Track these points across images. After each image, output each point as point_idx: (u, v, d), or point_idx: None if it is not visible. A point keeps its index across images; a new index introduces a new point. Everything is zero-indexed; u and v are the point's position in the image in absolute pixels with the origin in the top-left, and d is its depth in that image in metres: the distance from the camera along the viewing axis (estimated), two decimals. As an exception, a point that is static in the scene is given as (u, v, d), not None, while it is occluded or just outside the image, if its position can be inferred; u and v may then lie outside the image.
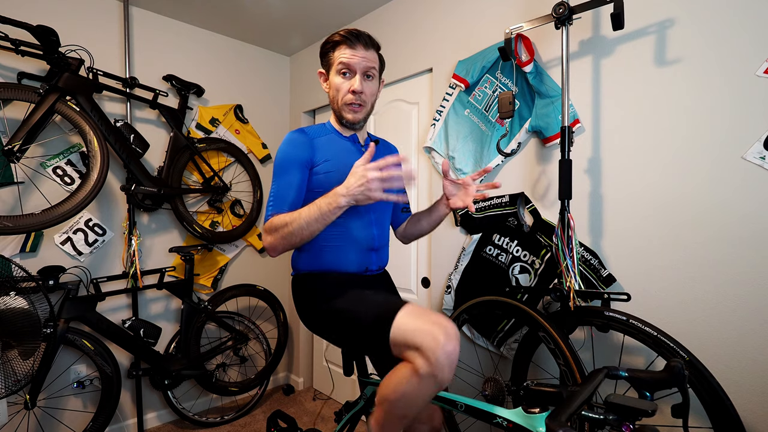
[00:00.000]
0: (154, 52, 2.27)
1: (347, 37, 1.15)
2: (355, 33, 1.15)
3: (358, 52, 1.15)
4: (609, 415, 0.69)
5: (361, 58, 1.14)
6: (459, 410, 1.00)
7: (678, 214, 1.26)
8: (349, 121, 1.19)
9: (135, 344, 1.96)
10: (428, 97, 2.02)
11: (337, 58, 1.15)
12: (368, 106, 1.21)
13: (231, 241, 2.48)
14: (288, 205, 1.10)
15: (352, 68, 1.15)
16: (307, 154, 1.15)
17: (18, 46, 1.68)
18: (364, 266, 1.22)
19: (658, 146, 1.30)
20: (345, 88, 1.16)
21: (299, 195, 1.13)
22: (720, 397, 1.04)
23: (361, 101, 1.17)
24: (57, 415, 1.95)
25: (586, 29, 1.46)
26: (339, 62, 1.14)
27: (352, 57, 1.14)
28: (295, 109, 2.88)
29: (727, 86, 1.18)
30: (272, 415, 1.58)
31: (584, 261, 1.41)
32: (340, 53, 1.15)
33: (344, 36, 1.15)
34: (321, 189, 1.16)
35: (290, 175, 1.12)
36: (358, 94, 1.15)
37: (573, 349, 1.24)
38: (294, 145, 1.15)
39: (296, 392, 2.74)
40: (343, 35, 1.15)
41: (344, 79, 1.16)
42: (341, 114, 1.20)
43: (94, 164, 1.78)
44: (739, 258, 1.15)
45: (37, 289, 1.59)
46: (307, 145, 1.16)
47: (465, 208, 1.76)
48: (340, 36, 1.15)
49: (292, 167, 1.12)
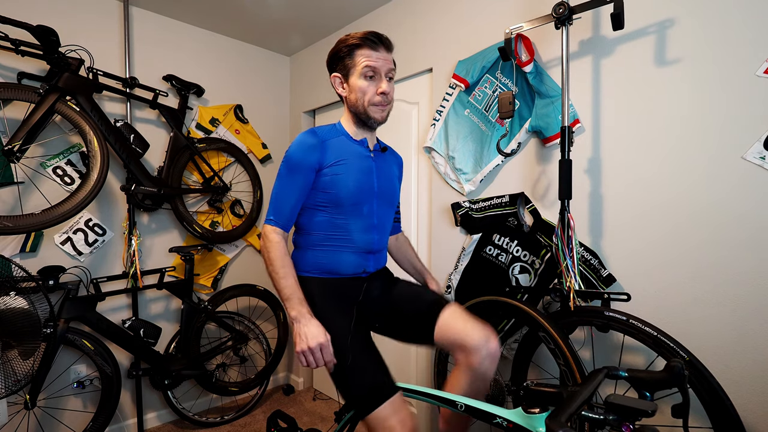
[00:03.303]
0: (154, 52, 2.27)
1: (371, 39, 1.15)
2: (376, 35, 1.16)
3: (382, 54, 1.16)
4: (609, 416, 0.69)
5: (384, 61, 1.16)
6: (459, 410, 1.00)
7: (678, 214, 1.26)
8: (378, 121, 1.21)
9: (135, 344, 1.96)
10: (428, 97, 2.02)
11: (361, 61, 1.15)
12: (391, 106, 1.23)
13: (231, 241, 2.48)
14: (285, 217, 1.15)
15: (378, 71, 1.16)
16: (315, 157, 1.16)
17: (18, 46, 1.68)
18: (362, 268, 1.23)
19: (657, 146, 1.30)
20: (372, 91, 1.17)
21: (298, 202, 1.17)
22: (720, 397, 1.04)
23: (387, 101, 1.20)
24: (57, 415, 1.95)
25: (586, 29, 1.46)
26: (365, 65, 1.15)
27: (378, 60, 1.15)
28: (295, 109, 2.88)
29: (727, 86, 1.18)
30: (272, 415, 1.58)
31: (584, 261, 1.41)
32: (363, 57, 1.15)
33: (366, 38, 1.15)
34: (328, 190, 1.17)
35: (294, 180, 1.15)
36: (386, 95, 1.18)
37: (573, 349, 1.24)
38: (303, 148, 1.16)
39: (296, 392, 2.74)
40: (365, 38, 1.15)
41: (370, 82, 1.16)
42: (368, 114, 1.19)
43: (94, 164, 1.78)
44: (740, 258, 1.15)
45: (37, 289, 1.59)
46: (317, 147, 1.17)
47: (466, 209, 1.76)
48: (360, 39, 1.15)
49: (297, 170, 1.14)
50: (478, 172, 1.74)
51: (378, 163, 1.27)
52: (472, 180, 1.77)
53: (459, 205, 1.79)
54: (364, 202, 1.20)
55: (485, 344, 1.11)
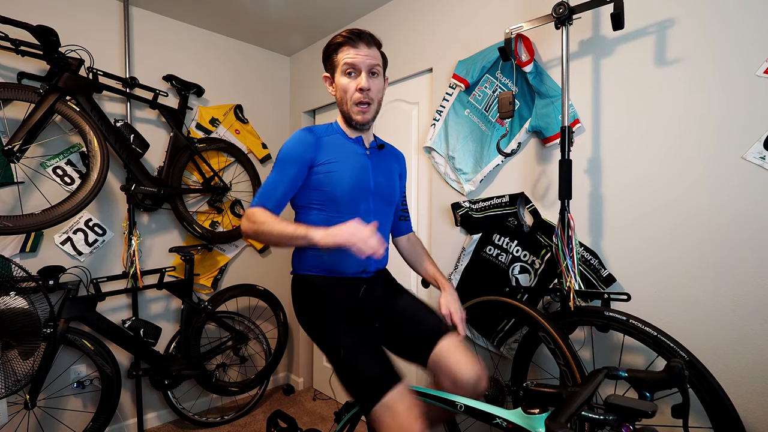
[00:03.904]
0: (154, 52, 2.27)
1: (349, 37, 1.16)
2: (356, 32, 1.16)
3: (361, 50, 1.16)
4: (609, 416, 0.69)
5: (364, 57, 1.16)
6: (459, 411, 1.00)
7: (678, 214, 1.26)
8: (359, 123, 1.21)
9: (135, 344, 1.96)
10: (428, 97, 2.02)
11: (342, 59, 1.16)
12: (375, 104, 1.22)
13: (231, 241, 2.48)
14: (273, 201, 1.14)
15: (357, 67, 1.16)
16: (309, 154, 1.17)
17: (18, 46, 1.68)
18: (362, 268, 1.23)
19: (657, 146, 1.30)
20: (352, 88, 1.17)
21: (288, 193, 1.17)
22: (720, 397, 1.03)
23: (368, 99, 1.19)
24: (57, 415, 1.95)
25: (586, 29, 1.45)
26: (344, 63, 1.15)
27: (356, 56, 1.15)
28: (295, 109, 2.88)
29: (727, 86, 1.18)
30: (272, 415, 1.58)
31: (584, 261, 1.41)
32: (344, 54, 1.16)
33: (346, 36, 1.16)
34: (321, 188, 1.17)
35: (286, 172, 1.15)
36: (366, 91, 1.17)
37: (573, 349, 1.24)
38: (298, 144, 1.17)
39: (296, 392, 2.74)
40: (345, 36, 1.16)
41: (350, 78, 1.17)
42: (350, 116, 1.20)
43: (94, 164, 1.78)
44: (740, 258, 1.15)
45: (37, 289, 1.59)
46: (312, 144, 1.17)
47: (466, 209, 1.76)
48: (342, 37, 1.16)
49: (290, 164, 1.15)
50: (478, 172, 1.74)
51: (374, 161, 1.27)
52: (472, 180, 1.77)
53: (459, 205, 1.79)
54: (360, 200, 1.20)
55: (474, 385, 1.11)
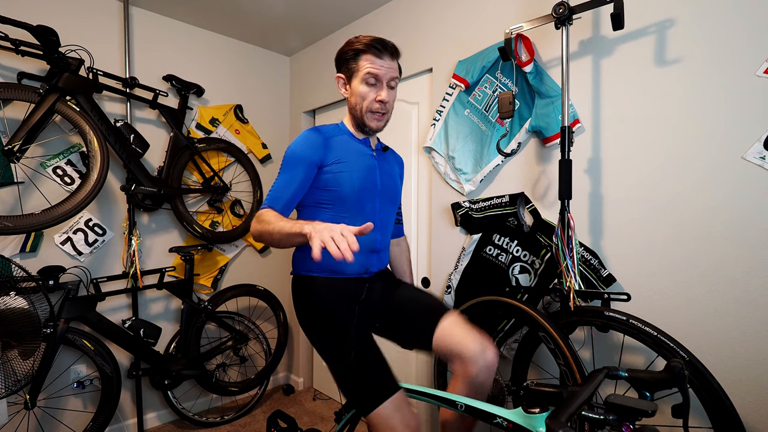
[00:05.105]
0: (154, 52, 2.27)
1: (375, 46, 1.15)
2: (382, 42, 1.16)
3: (386, 62, 1.16)
4: (609, 416, 0.69)
5: (388, 69, 1.16)
6: (459, 410, 1.00)
7: (678, 214, 1.26)
8: (372, 129, 1.22)
9: (135, 344, 1.96)
10: (428, 97, 2.02)
11: (364, 67, 1.15)
12: (389, 114, 1.23)
13: (231, 241, 2.47)
14: (282, 203, 1.13)
15: (380, 78, 1.16)
16: (318, 154, 1.16)
17: (18, 46, 1.68)
18: (364, 268, 1.23)
19: (657, 146, 1.30)
20: (371, 98, 1.17)
21: (298, 194, 1.16)
22: (720, 397, 1.03)
23: (385, 110, 1.20)
24: (57, 415, 1.95)
25: (586, 29, 1.46)
26: (367, 72, 1.15)
27: (381, 68, 1.15)
28: (295, 109, 2.88)
29: (727, 86, 1.18)
30: (272, 415, 1.58)
31: (584, 261, 1.41)
32: (367, 62, 1.15)
33: (371, 45, 1.15)
34: (329, 188, 1.17)
35: (294, 173, 1.14)
36: (385, 103, 1.18)
37: (573, 349, 1.24)
38: (307, 144, 1.16)
39: (296, 392, 2.74)
40: (370, 44, 1.15)
41: (370, 88, 1.17)
42: (363, 121, 1.21)
43: (94, 164, 1.78)
44: (740, 258, 1.15)
45: (37, 289, 1.59)
46: (320, 145, 1.17)
47: (466, 209, 1.76)
48: (365, 45, 1.15)
49: (298, 165, 1.15)
50: (478, 172, 1.74)
51: (380, 162, 1.28)
52: (472, 180, 1.77)
53: (459, 205, 1.79)
54: (366, 200, 1.21)
55: (482, 354, 1.10)
